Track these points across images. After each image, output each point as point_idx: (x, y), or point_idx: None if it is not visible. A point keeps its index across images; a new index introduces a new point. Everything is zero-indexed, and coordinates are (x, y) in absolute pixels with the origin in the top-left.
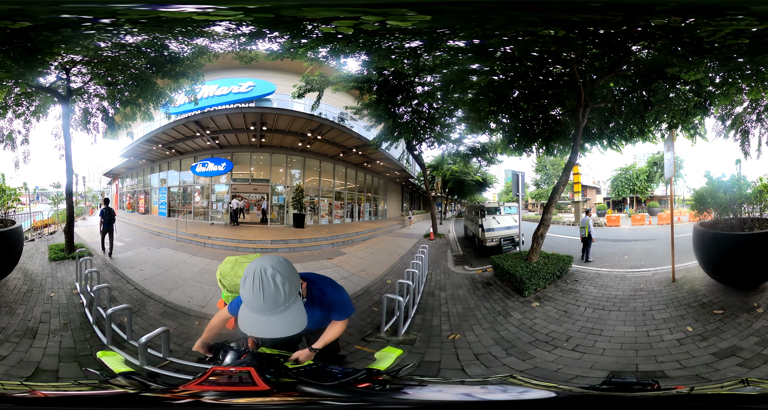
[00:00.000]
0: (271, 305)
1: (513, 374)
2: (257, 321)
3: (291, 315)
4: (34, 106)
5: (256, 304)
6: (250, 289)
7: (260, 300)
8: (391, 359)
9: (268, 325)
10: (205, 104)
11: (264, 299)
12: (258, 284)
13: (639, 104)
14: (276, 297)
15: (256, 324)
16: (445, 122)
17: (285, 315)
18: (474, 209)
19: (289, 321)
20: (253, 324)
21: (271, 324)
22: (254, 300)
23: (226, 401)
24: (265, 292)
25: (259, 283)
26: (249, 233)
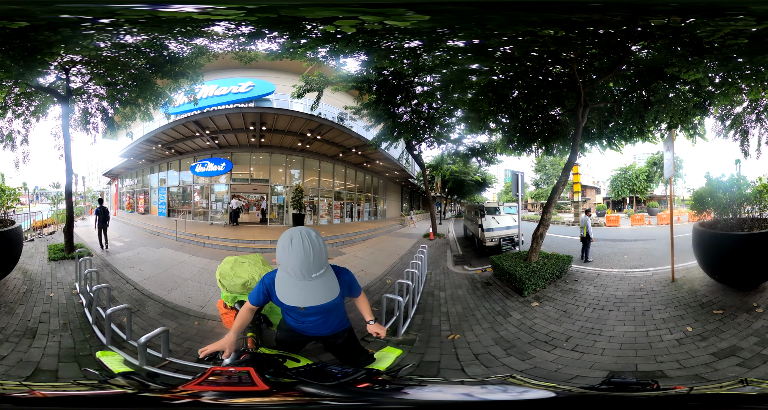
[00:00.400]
0: (318, 264)
1: (513, 374)
2: (301, 288)
3: (329, 279)
4: (33, 106)
5: (304, 264)
6: (299, 248)
7: (309, 259)
8: (390, 359)
9: (310, 290)
10: (204, 104)
11: (313, 257)
12: (308, 244)
13: (639, 103)
14: (321, 256)
15: (300, 290)
16: (445, 121)
17: (324, 278)
18: (473, 209)
19: (328, 286)
20: (297, 291)
21: (313, 288)
22: (303, 260)
23: (226, 401)
24: (314, 250)
25: (309, 243)
26: (248, 233)
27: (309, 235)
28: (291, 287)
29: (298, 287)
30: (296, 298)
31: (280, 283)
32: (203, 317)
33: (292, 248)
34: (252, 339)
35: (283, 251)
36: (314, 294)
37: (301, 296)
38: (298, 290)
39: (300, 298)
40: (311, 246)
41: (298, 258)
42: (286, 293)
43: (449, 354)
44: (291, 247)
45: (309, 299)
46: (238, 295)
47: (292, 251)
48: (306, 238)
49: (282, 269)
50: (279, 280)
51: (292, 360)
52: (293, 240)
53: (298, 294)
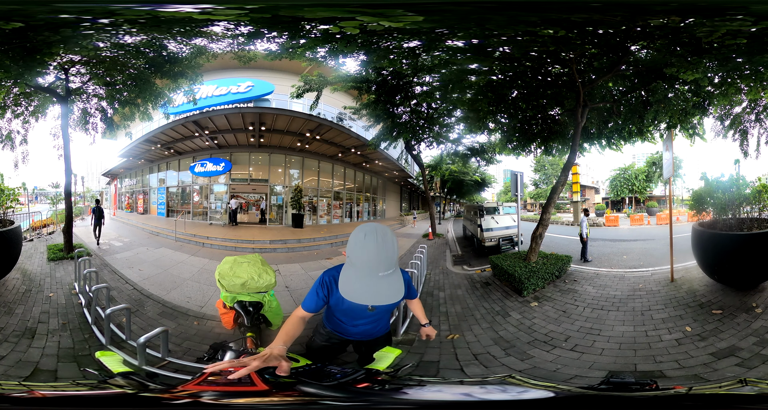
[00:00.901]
0: (388, 263)
1: (512, 374)
2: (370, 285)
3: (396, 280)
4: (32, 106)
5: (376, 260)
6: (373, 244)
7: (383, 255)
8: (390, 359)
9: (379, 288)
10: (203, 104)
11: (386, 254)
12: (381, 240)
13: (638, 103)
14: (392, 256)
15: (369, 287)
16: (444, 121)
17: (392, 278)
18: (473, 209)
19: (397, 286)
20: (365, 288)
21: (383, 287)
22: (376, 255)
23: (225, 401)
24: (387, 247)
25: (382, 239)
26: (248, 233)
27: (383, 231)
28: (359, 284)
29: (367, 284)
30: (363, 295)
31: (347, 279)
32: (202, 317)
33: (365, 242)
34: (251, 339)
35: (356, 246)
36: (383, 293)
37: (369, 293)
38: (367, 287)
39: (368, 296)
40: (384, 242)
41: (371, 253)
42: (353, 290)
43: (448, 354)
44: (364, 241)
45: (377, 297)
46: (237, 295)
47: (365, 246)
48: (380, 234)
49: (350, 264)
50: (345, 276)
51: (291, 360)
52: (367, 235)
53: (366, 291)
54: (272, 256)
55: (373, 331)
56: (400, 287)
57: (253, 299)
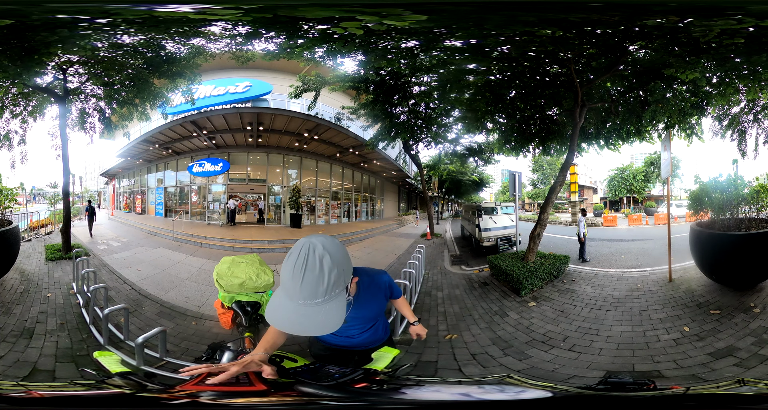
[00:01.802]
0: (308, 293)
1: (510, 374)
2: (285, 310)
3: (327, 311)
4: (31, 106)
5: (292, 287)
6: (291, 267)
7: (298, 283)
8: (388, 359)
9: (296, 317)
10: (201, 104)
11: (302, 283)
12: (301, 263)
13: (636, 103)
14: (317, 285)
15: (283, 312)
16: (442, 121)
17: (320, 309)
18: (471, 209)
19: (321, 319)
20: (280, 313)
21: (301, 316)
22: (291, 281)
23: (224, 401)
24: (307, 275)
25: (303, 262)
26: (246, 233)
27: (310, 252)
28: (281, 310)
29: (289, 310)
30: (277, 318)
31: (273, 300)
32: (201, 317)
33: (286, 264)
34: (249, 339)
35: (284, 268)
36: (309, 323)
37: (291, 321)
38: (289, 313)
39: (289, 324)
40: (304, 268)
41: (287, 277)
42: (272, 310)
43: (447, 354)
44: (285, 262)
45: (300, 327)
46: (235, 295)
47: (284, 267)
48: (304, 255)
49: (280, 288)
50: (273, 296)
51: (289, 360)
52: (290, 255)
53: (288, 319)
54: (270, 256)
55: (374, 338)
56: (331, 321)
57: (251, 299)
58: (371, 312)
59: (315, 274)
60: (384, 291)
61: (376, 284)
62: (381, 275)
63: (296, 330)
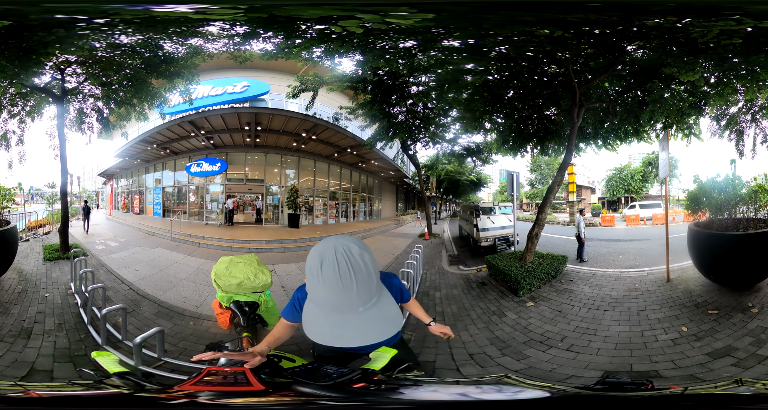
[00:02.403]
0: (366, 296)
1: (508, 374)
2: (339, 327)
3: (384, 308)
4: (29, 106)
5: (345, 296)
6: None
7: (352, 290)
8: (386, 359)
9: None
10: (199, 104)
11: (357, 288)
12: (346, 268)
13: (634, 103)
14: (369, 285)
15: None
16: (440, 121)
17: (377, 309)
18: (469, 209)
19: (384, 318)
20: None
21: (360, 325)
22: (341, 291)
23: (222, 401)
24: (359, 277)
25: (347, 266)
26: (244, 233)
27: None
28: (326, 325)
29: (335, 324)
30: (334, 338)
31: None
32: (198, 317)
33: (323, 275)
34: (247, 339)
35: (312, 279)
36: (362, 332)
37: (342, 335)
38: (336, 328)
39: (340, 338)
40: (353, 272)
41: (334, 291)
42: (319, 333)
43: (444, 353)
44: (321, 274)
45: (355, 338)
46: (233, 295)
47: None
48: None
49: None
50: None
51: (287, 360)
52: (324, 263)
53: (337, 333)
54: (268, 256)
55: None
56: (394, 316)
57: (249, 299)
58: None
59: (364, 275)
60: (395, 295)
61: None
62: (392, 278)
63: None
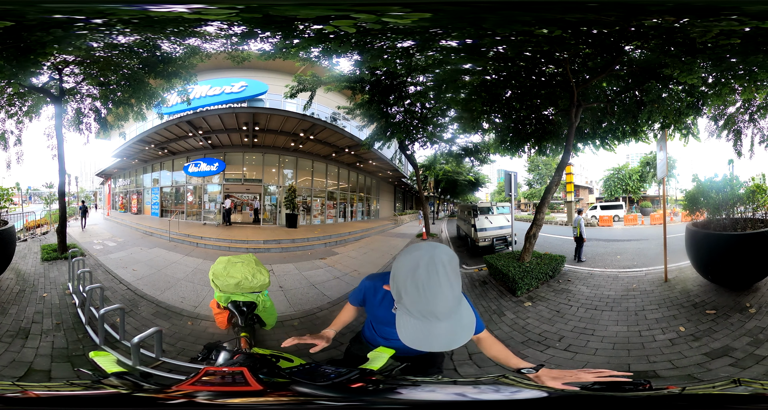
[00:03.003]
0: (453, 305)
1: (505, 373)
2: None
3: (465, 316)
4: (26, 106)
5: (436, 306)
6: (434, 285)
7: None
8: (383, 359)
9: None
10: (197, 104)
11: (453, 295)
12: (444, 278)
13: (632, 103)
14: (453, 296)
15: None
16: (438, 121)
17: (459, 316)
18: (466, 209)
19: (464, 324)
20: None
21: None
22: (440, 301)
23: (219, 401)
24: (453, 285)
25: (446, 275)
26: (241, 233)
27: (444, 262)
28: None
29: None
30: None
31: (405, 325)
32: (196, 317)
33: (413, 282)
34: (245, 339)
35: (407, 284)
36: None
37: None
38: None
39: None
40: (450, 281)
41: (433, 299)
42: (412, 335)
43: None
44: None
45: (443, 342)
46: (231, 295)
47: (421, 289)
48: (442, 269)
49: (402, 306)
50: (401, 320)
51: (285, 360)
52: (420, 271)
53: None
54: (266, 256)
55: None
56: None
57: (247, 299)
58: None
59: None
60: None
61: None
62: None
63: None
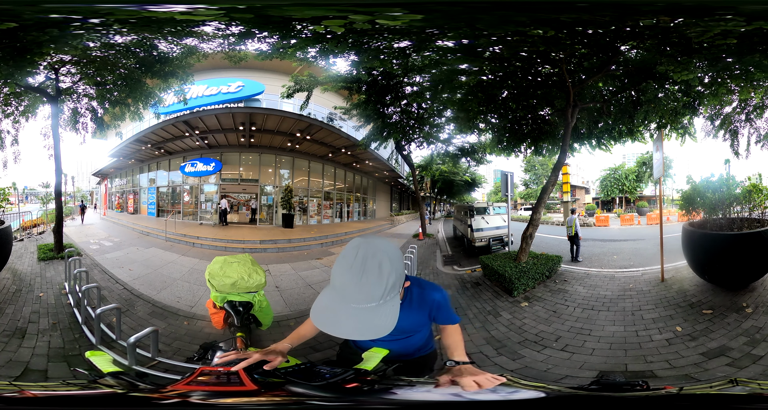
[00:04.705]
0: (364, 296)
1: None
2: (334, 312)
3: (380, 316)
4: (23, 106)
5: (347, 290)
6: (347, 268)
7: (354, 286)
8: (378, 358)
9: (346, 320)
10: (194, 104)
11: (360, 285)
12: (359, 265)
13: (628, 103)
14: (374, 288)
15: (332, 315)
16: (434, 122)
17: (373, 313)
18: (463, 209)
19: (375, 323)
20: (329, 315)
21: (351, 319)
22: (347, 284)
23: (214, 401)
24: (365, 277)
25: (361, 264)
26: (238, 233)
27: (373, 252)
28: (329, 312)
29: (336, 313)
30: (330, 325)
31: (320, 301)
32: (192, 317)
33: (339, 265)
34: (241, 339)
35: (336, 264)
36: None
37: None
38: (336, 316)
39: (335, 326)
40: (365, 268)
41: (341, 280)
42: (320, 317)
43: (439, 354)
44: (339, 264)
45: (342, 329)
46: (227, 295)
47: (338, 268)
48: (362, 259)
49: (330, 284)
50: (321, 297)
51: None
52: (345, 257)
53: (335, 321)
54: (262, 256)
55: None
56: (385, 323)
57: (243, 299)
58: (408, 324)
59: (374, 277)
60: (429, 309)
61: (423, 298)
62: (434, 291)
63: (344, 332)
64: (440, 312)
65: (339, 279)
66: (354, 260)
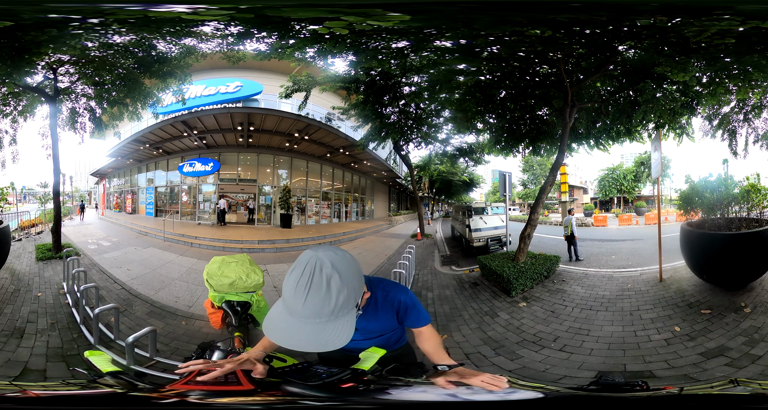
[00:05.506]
0: (311, 312)
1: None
2: (284, 323)
3: (332, 330)
4: (21, 106)
5: (294, 304)
6: (294, 283)
7: (300, 301)
8: (375, 359)
9: (296, 332)
10: (192, 104)
11: (305, 302)
12: (305, 281)
13: (626, 103)
14: (321, 306)
15: (282, 325)
16: (432, 122)
17: (323, 327)
18: (461, 210)
19: (323, 337)
20: (279, 325)
21: (301, 332)
22: (293, 298)
23: (211, 400)
24: (311, 294)
25: (308, 279)
26: (236, 233)
27: (319, 270)
28: (278, 319)
29: (286, 323)
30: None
31: (272, 311)
32: (191, 317)
33: (288, 278)
34: (239, 339)
35: (285, 278)
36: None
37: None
38: (281, 325)
39: (280, 336)
40: (308, 288)
41: (289, 293)
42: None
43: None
44: (288, 276)
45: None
46: (225, 295)
47: (287, 281)
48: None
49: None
50: (275, 306)
51: (278, 360)
52: (294, 270)
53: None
54: (260, 256)
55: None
56: (337, 338)
57: (241, 299)
58: (377, 326)
59: (321, 294)
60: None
61: (388, 300)
62: (399, 293)
63: (294, 345)
64: (409, 314)
65: (287, 294)
66: (301, 277)
